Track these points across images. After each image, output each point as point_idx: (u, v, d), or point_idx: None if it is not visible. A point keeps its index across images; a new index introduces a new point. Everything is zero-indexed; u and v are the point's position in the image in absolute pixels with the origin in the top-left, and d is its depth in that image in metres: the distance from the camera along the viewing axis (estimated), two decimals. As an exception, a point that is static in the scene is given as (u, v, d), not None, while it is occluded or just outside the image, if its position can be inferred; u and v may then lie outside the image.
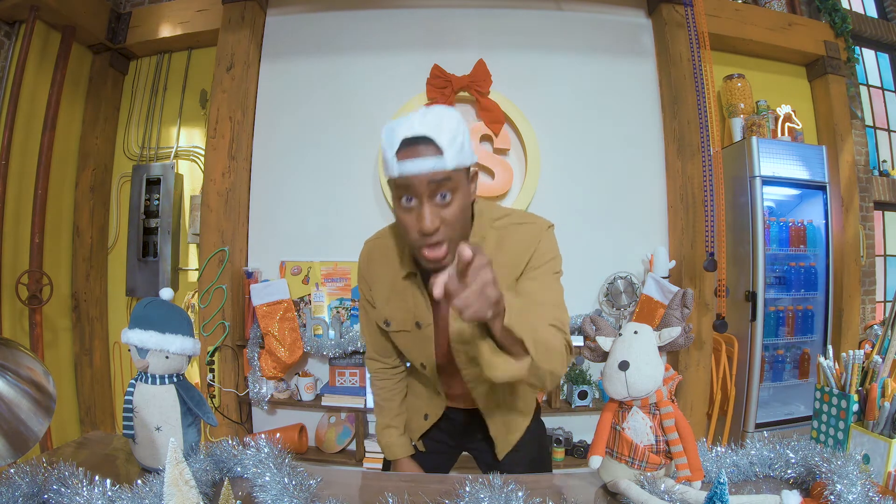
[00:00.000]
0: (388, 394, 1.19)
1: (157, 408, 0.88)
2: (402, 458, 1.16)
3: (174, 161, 2.82)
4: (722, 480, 0.59)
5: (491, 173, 2.48)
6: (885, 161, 3.51)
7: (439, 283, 0.66)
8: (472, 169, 0.89)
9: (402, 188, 0.82)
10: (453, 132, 0.80)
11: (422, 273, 0.98)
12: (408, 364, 1.21)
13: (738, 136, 2.77)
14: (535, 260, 0.95)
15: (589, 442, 2.38)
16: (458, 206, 0.84)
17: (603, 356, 0.86)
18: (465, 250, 0.65)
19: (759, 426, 2.55)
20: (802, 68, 3.11)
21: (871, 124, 3.48)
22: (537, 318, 0.84)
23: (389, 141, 0.81)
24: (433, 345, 1.03)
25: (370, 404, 2.33)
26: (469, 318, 0.69)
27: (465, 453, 1.27)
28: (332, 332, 2.39)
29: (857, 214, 2.98)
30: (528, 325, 0.78)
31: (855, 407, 0.89)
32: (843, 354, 0.93)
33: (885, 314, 3.23)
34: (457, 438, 1.21)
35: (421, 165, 0.79)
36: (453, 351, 1.00)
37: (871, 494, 0.71)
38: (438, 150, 0.79)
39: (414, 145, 0.79)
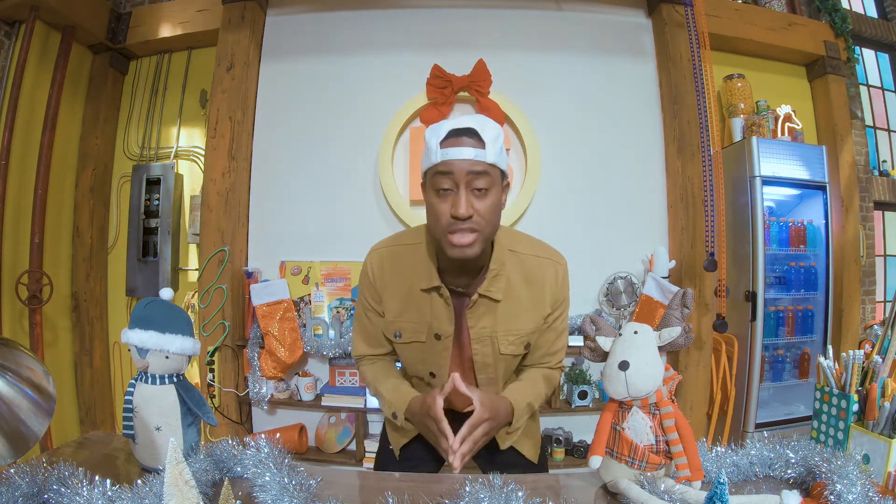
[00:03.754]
0: (381, 372, 1.12)
1: (157, 408, 0.88)
2: (412, 400, 1.03)
3: (174, 161, 2.82)
4: (722, 480, 0.59)
5: (491, 173, 2.48)
6: (885, 161, 3.51)
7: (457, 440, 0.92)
8: (505, 180, 0.95)
9: (441, 175, 0.87)
10: (496, 134, 0.89)
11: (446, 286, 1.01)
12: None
13: (738, 136, 2.77)
14: (556, 303, 1.05)
15: (589, 442, 2.38)
16: (491, 201, 0.89)
17: (603, 356, 0.86)
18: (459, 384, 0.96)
19: (759, 426, 2.55)
20: (802, 68, 3.11)
21: (871, 124, 3.48)
22: (541, 381, 1.08)
23: (435, 134, 0.89)
24: (449, 355, 1.03)
25: (370, 404, 2.33)
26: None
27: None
28: (332, 332, 2.39)
29: (857, 214, 2.98)
30: (530, 402, 1.04)
31: (855, 407, 0.89)
32: (843, 354, 0.93)
33: (885, 314, 3.23)
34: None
35: (464, 153, 0.86)
36: (476, 365, 1.05)
37: (871, 494, 0.71)
38: (481, 143, 0.87)
39: (459, 135, 0.87)
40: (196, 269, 2.73)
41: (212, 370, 2.42)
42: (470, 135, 0.87)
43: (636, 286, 2.49)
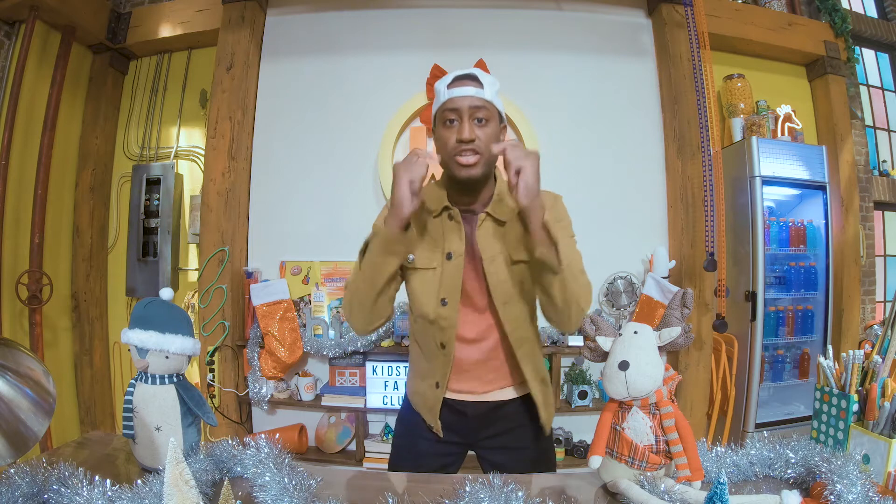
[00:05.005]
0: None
1: (157, 408, 0.88)
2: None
3: (174, 161, 2.82)
4: (722, 480, 0.59)
5: (491, 173, 2.49)
6: (885, 161, 3.51)
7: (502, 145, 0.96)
8: (503, 123, 1.10)
9: (448, 111, 1.03)
10: (492, 80, 1.06)
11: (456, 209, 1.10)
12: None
13: (738, 136, 2.77)
14: (556, 217, 1.07)
15: (589, 442, 2.38)
16: (490, 131, 1.04)
17: (603, 356, 0.86)
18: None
19: (759, 426, 2.55)
20: (802, 68, 3.11)
21: (871, 124, 3.48)
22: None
23: (443, 83, 1.05)
24: (461, 278, 1.09)
25: (370, 404, 2.33)
26: (523, 182, 0.91)
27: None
28: (332, 332, 2.39)
29: (857, 214, 2.98)
30: (564, 248, 0.97)
31: (855, 407, 0.89)
32: (843, 354, 0.93)
33: (885, 314, 3.23)
34: (469, 436, 1.16)
35: (466, 90, 1.02)
36: (491, 287, 1.07)
37: (870, 494, 0.71)
38: (480, 84, 1.03)
39: (462, 79, 1.05)
40: (196, 269, 2.73)
41: (212, 370, 2.42)
42: (471, 78, 1.04)
43: (636, 286, 2.49)
